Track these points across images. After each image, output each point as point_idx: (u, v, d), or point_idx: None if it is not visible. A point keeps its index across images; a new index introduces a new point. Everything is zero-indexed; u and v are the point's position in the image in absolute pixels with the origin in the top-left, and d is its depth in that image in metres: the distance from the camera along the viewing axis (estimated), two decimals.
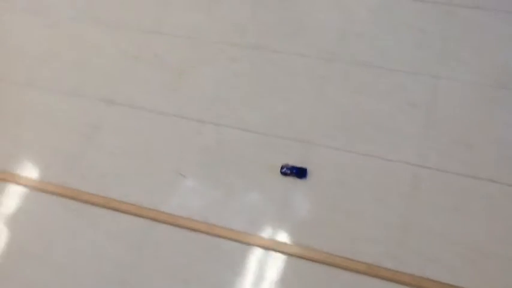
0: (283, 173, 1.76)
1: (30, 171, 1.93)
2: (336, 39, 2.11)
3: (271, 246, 1.66)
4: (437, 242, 1.62)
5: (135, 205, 1.79)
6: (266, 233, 1.71)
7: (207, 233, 1.71)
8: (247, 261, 1.66)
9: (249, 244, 1.69)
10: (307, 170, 1.76)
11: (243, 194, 1.79)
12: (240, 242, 1.70)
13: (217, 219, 1.74)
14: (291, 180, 1.78)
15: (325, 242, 1.66)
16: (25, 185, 1.89)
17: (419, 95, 1.92)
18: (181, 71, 2.11)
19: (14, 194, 1.88)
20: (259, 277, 1.63)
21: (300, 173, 1.75)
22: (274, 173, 1.79)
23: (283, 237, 1.68)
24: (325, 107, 1.94)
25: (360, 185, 1.75)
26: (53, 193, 1.86)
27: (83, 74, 2.16)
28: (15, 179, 1.90)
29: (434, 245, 1.62)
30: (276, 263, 1.65)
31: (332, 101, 1.96)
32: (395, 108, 1.90)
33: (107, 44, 2.24)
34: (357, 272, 1.59)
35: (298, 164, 1.79)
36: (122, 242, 1.73)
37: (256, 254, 1.67)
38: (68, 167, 1.91)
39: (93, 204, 1.82)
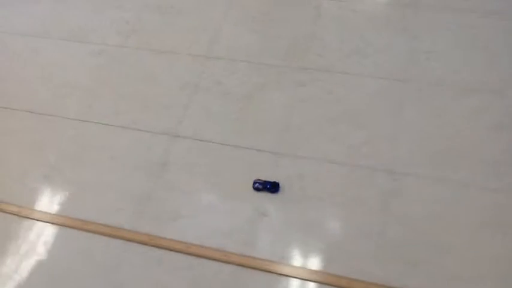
0: (255, 188, 1.72)
1: (99, 216, 1.80)
2: (405, 59, 1.99)
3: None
4: None
5: (218, 250, 1.65)
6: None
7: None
8: None
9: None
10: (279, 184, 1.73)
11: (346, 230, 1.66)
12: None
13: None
14: None
15: None
16: (94, 232, 1.77)
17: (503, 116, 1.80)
18: (248, 97, 1.98)
19: (80, 242, 1.76)
20: None
21: (272, 187, 1.72)
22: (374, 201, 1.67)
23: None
24: (405, 132, 1.82)
25: (454, 216, 1.63)
26: (128, 240, 1.74)
27: (140, 106, 2.06)
28: (80, 225, 1.78)
29: None
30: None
31: (411, 125, 1.84)
32: (479, 131, 1.79)
33: (161, 72, 2.14)
34: None
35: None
36: None
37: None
38: (139, 209, 1.78)
39: (172, 250, 1.70)
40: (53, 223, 1.79)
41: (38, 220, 1.80)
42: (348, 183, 1.74)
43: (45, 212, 1.82)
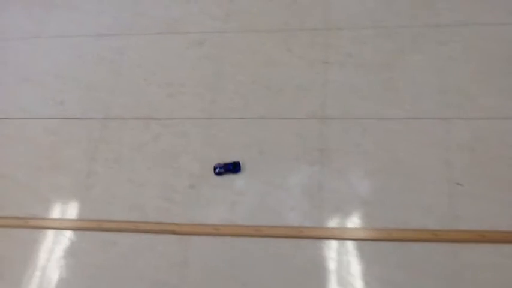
0: (218, 173, 1.68)
1: (273, 219, 1.65)
2: None
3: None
4: None
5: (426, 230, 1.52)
6: None
7: None
8: None
9: None
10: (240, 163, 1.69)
11: None
12: None
13: None
14: None
15: None
16: (278, 236, 1.61)
17: None
18: (387, 65, 1.84)
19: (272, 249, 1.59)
20: None
21: (233, 168, 1.68)
22: None
23: None
24: None
25: None
26: (317, 238, 1.59)
27: (272, 92, 1.87)
28: (255, 232, 1.62)
29: None
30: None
31: None
32: None
33: (279, 53, 1.94)
34: None
35: None
36: None
37: None
38: (314, 204, 1.60)
39: (370, 240, 1.56)
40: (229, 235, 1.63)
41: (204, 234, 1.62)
42: None
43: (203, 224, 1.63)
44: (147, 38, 2.04)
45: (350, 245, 1.55)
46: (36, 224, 1.69)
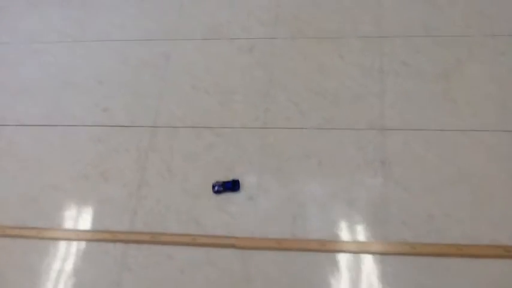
0: (216, 192, 1.64)
1: (337, 234, 1.58)
2: None
3: None
4: None
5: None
6: None
7: None
8: None
9: None
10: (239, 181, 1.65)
11: None
12: None
13: None
14: None
15: None
16: (339, 251, 1.55)
17: None
18: (444, 75, 1.80)
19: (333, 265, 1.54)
20: None
21: (232, 186, 1.64)
22: None
23: None
24: None
25: None
26: (384, 253, 1.53)
27: (327, 102, 1.81)
28: (321, 247, 1.56)
29: None
30: None
31: None
32: None
33: (331, 60, 1.89)
34: None
35: None
36: None
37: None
38: (380, 217, 1.55)
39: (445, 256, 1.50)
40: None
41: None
42: None
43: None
44: (192, 43, 1.98)
45: (419, 260, 1.48)
46: (88, 237, 1.61)
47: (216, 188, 1.64)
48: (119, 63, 1.96)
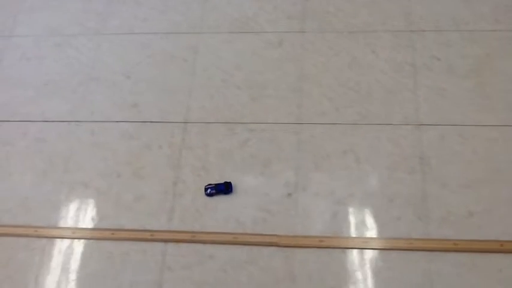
0: (209, 194, 1.62)
1: (381, 230, 1.58)
2: None
3: None
4: None
5: None
6: None
7: None
8: None
9: None
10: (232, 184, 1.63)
11: None
12: None
13: None
14: None
15: None
16: (385, 248, 1.55)
17: None
18: (476, 70, 1.80)
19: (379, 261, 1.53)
20: None
21: (225, 188, 1.62)
22: None
23: None
24: None
25: None
26: (430, 250, 1.53)
27: (361, 97, 1.80)
28: (363, 244, 1.56)
29: None
30: None
31: None
32: None
33: (363, 55, 1.87)
34: None
35: None
36: None
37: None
38: (420, 213, 1.55)
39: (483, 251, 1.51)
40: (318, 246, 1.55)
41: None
42: None
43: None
44: (219, 36, 1.94)
45: (461, 257, 1.49)
46: (125, 236, 1.58)
47: (208, 191, 1.62)
48: (145, 57, 1.91)
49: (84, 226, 1.61)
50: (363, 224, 1.55)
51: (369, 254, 1.52)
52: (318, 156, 1.66)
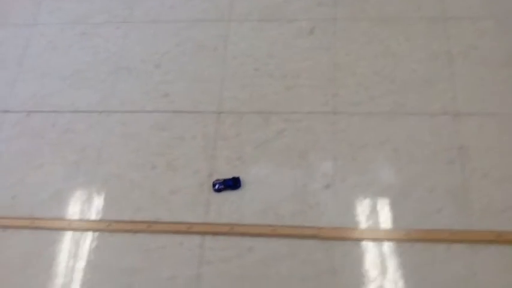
0: (217, 190, 1.59)
1: (419, 221, 1.54)
2: None
3: None
4: None
5: None
6: None
7: None
8: None
9: None
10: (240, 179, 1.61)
11: None
12: None
13: None
14: None
15: None
16: (429, 241, 1.51)
17: None
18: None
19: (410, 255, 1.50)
20: None
21: (233, 184, 1.60)
22: None
23: None
24: None
25: None
26: (471, 241, 1.50)
27: (396, 86, 1.76)
28: (405, 237, 1.53)
29: None
30: None
31: None
32: None
33: (396, 43, 1.83)
34: None
35: None
36: None
37: None
38: (461, 205, 1.52)
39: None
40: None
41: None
42: None
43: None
44: (249, 24, 1.90)
45: (505, 249, 1.47)
46: (161, 229, 1.55)
47: (216, 186, 1.59)
48: (173, 46, 1.87)
49: (118, 219, 1.58)
50: (403, 215, 1.53)
51: (410, 246, 1.49)
52: (355, 146, 1.64)
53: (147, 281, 1.49)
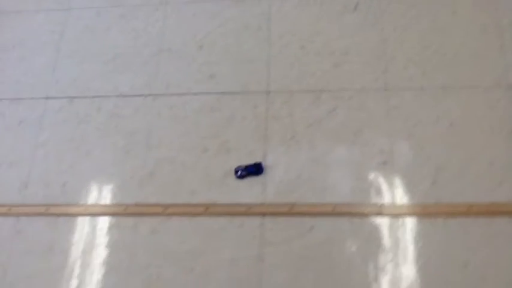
0: (240, 176, 1.56)
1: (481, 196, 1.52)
2: None
3: None
4: None
5: None
6: None
7: None
8: None
9: None
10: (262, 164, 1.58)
11: None
12: None
13: None
14: None
15: None
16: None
17: None
18: None
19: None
20: None
21: (256, 170, 1.57)
22: None
23: None
24: None
25: None
26: None
27: (449, 62, 1.73)
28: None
29: None
30: None
31: None
32: None
33: (447, 16, 1.80)
34: None
35: None
36: None
37: None
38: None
39: None
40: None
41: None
42: None
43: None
44: (291, 2, 1.86)
45: None
46: (219, 211, 1.52)
47: (239, 173, 1.57)
48: (215, 26, 1.83)
49: (174, 202, 1.55)
50: (464, 189, 1.51)
51: (473, 220, 1.47)
52: (410, 122, 1.61)
53: (209, 263, 1.47)
